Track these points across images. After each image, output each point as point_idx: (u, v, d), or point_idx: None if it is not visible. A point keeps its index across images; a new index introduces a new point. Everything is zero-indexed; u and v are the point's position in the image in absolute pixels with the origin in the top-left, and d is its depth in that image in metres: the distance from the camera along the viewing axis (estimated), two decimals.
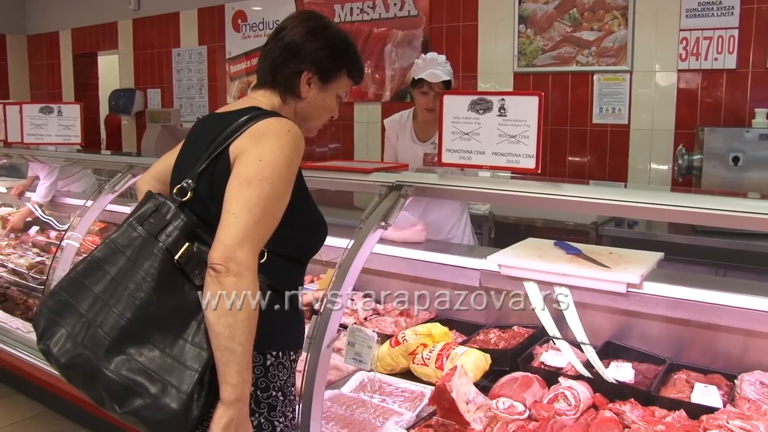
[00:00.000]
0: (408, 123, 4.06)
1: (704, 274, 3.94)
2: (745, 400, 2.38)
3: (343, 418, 2.47)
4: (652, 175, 5.25)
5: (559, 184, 2.54)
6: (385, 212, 2.44)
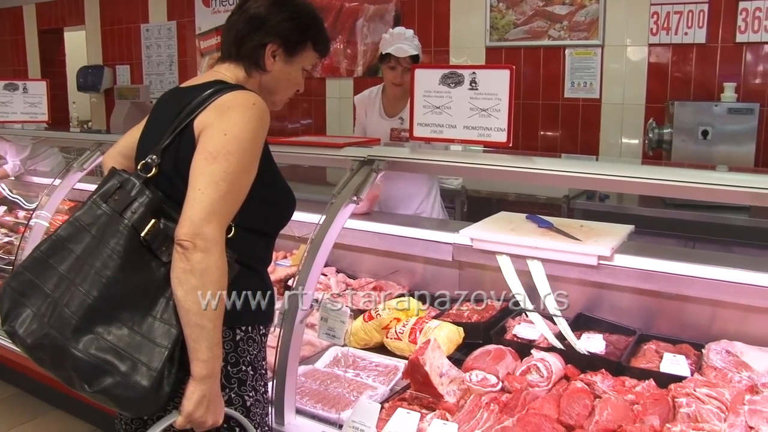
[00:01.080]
0: (377, 98, 4.04)
1: (674, 246, 3.98)
2: (712, 368, 2.42)
3: (317, 393, 2.47)
4: (623, 149, 5.29)
5: (530, 157, 2.55)
6: (356, 187, 2.44)
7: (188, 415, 1.58)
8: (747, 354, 2.49)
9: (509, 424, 2.12)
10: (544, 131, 5.58)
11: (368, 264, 3.49)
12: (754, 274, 2.49)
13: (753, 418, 2.06)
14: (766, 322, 2.59)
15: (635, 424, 2.10)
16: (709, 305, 2.67)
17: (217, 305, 1.56)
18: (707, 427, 2.04)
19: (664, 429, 2.07)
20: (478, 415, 2.19)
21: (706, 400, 2.18)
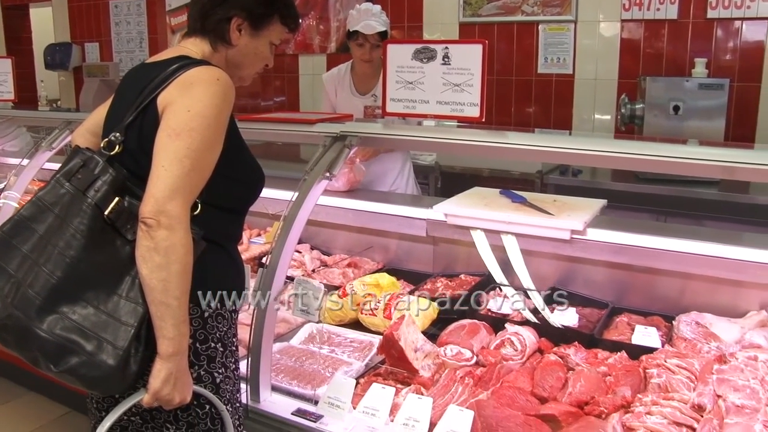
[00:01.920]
0: (347, 76, 4.01)
1: (646, 220, 4.02)
2: (682, 339, 2.46)
3: (293, 369, 2.47)
4: (596, 125, 5.32)
5: (504, 132, 2.55)
6: (329, 163, 2.42)
7: (155, 392, 1.57)
8: (716, 325, 2.53)
9: (484, 397, 2.14)
10: (518, 107, 5.59)
11: (342, 240, 3.49)
12: (723, 247, 2.53)
13: (721, 386, 2.09)
14: (735, 293, 2.63)
15: (607, 395, 2.13)
16: (679, 278, 2.71)
17: (182, 283, 1.54)
18: (677, 396, 2.07)
19: (636, 399, 2.10)
20: (453, 388, 2.21)
21: (676, 371, 2.22)
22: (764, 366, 2.24)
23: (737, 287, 2.62)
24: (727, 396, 2.05)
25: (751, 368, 2.20)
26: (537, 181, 4.54)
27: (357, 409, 2.15)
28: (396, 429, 2.05)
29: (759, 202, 4.03)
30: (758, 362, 2.25)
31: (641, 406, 2.04)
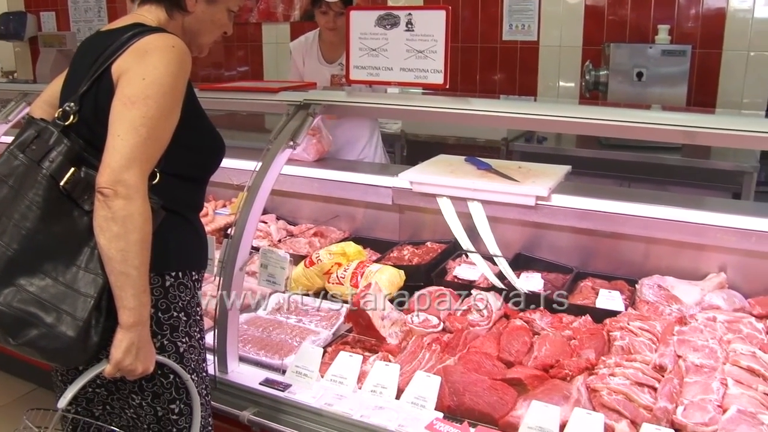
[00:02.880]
0: (314, 44, 3.96)
1: (610, 186, 4.07)
2: (644, 302, 2.50)
3: (260, 340, 2.46)
4: (561, 92, 5.33)
5: (468, 98, 2.54)
6: (293, 132, 2.39)
7: (117, 363, 1.56)
8: (677, 288, 2.58)
9: (451, 362, 2.16)
10: (483, 75, 5.57)
11: (308, 210, 3.47)
12: (685, 211, 2.57)
13: (681, 347, 2.14)
14: (696, 257, 2.68)
15: (572, 358, 2.16)
16: (642, 242, 2.75)
17: (142, 252, 1.52)
18: (639, 358, 2.11)
19: (600, 362, 2.13)
20: (420, 355, 2.22)
21: (638, 333, 2.26)
22: (722, 326, 2.29)
23: (698, 250, 2.67)
24: (687, 356, 2.10)
25: (710, 329, 2.25)
26: (502, 149, 4.55)
27: (325, 377, 2.16)
28: (364, 396, 2.06)
29: (719, 167, 4.09)
30: (717, 323, 2.31)
31: (605, 368, 2.07)
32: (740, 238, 2.50)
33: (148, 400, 1.74)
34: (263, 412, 2.11)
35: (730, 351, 2.12)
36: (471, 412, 1.96)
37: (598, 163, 4.24)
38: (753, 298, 2.53)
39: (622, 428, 1.81)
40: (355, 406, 2.02)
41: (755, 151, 4.18)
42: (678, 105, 4.39)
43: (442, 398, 1.99)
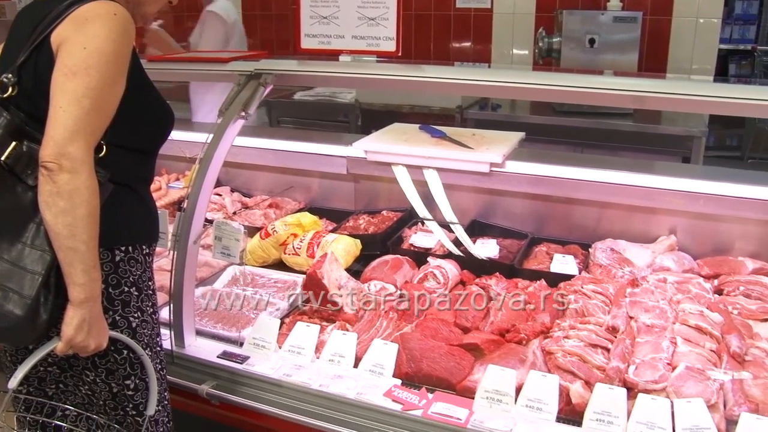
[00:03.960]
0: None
1: (563, 152, 4.10)
2: (598, 266, 2.54)
3: (217, 313, 2.44)
4: (515, 59, 5.34)
5: (422, 66, 2.52)
6: (244, 102, 2.34)
7: (68, 340, 1.53)
8: (629, 251, 2.62)
9: (408, 330, 2.16)
10: (437, 43, 5.55)
11: (263, 181, 3.44)
12: (636, 176, 2.61)
13: (633, 308, 2.18)
14: (647, 220, 2.73)
15: (528, 322, 2.19)
16: (595, 207, 2.78)
17: (90, 227, 1.48)
18: (593, 320, 2.15)
19: (555, 325, 2.16)
20: (378, 323, 2.23)
21: (592, 296, 2.30)
22: (672, 287, 2.34)
23: (649, 214, 2.72)
24: (639, 317, 2.14)
25: (661, 290, 2.30)
26: (457, 116, 4.55)
27: (283, 348, 2.15)
28: (322, 365, 2.06)
29: (670, 132, 4.16)
30: (667, 284, 2.36)
31: (559, 330, 2.11)
32: (689, 201, 2.56)
33: (103, 377, 1.72)
34: (222, 385, 2.10)
35: (679, 311, 2.17)
36: (429, 378, 1.98)
37: (551, 129, 4.27)
38: (701, 259, 2.59)
39: (576, 388, 1.84)
40: (313, 375, 2.03)
41: (704, 116, 4.26)
42: (629, 71, 4.44)
43: (400, 365, 2.01)
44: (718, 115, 4.62)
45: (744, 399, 1.78)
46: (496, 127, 3.01)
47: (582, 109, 4.26)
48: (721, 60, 5.96)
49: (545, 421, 1.78)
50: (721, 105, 1.98)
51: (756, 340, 2.07)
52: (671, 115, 4.34)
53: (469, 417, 1.81)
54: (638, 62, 4.52)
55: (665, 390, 1.82)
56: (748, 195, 2.47)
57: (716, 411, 1.75)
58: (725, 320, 2.10)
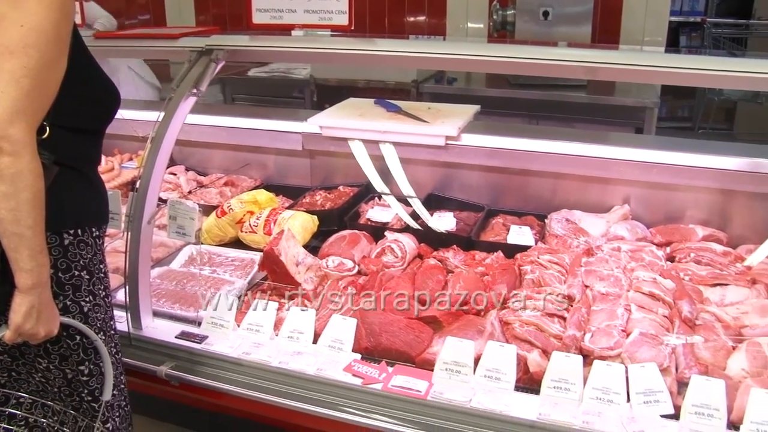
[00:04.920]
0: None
1: (518, 124, 4.13)
2: (553, 236, 2.57)
3: (174, 293, 2.42)
4: (470, 32, 5.34)
5: (375, 40, 2.51)
6: (195, 79, 2.30)
7: (17, 327, 1.49)
8: (584, 221, 2.66)
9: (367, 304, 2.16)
10: (391, 18, 5.52)
11: (218, 159, 3.40)
12: (590, 147, 2.65)
13: (588, 277, 2.22)
14: (602, 190, 2.77)
15: (485, 293, 2.21)
16: (551, 178, 2.81)
17: (34, 211, 1.44)
18: (549, 290, 2.17)
19: (512, 295, 2.18)
20: (336, 299, 2.22)
21: (548, 266, 2.32)
22: (626, 255, 2.38)
23: (603, 184, 2.76)
24: (594, 285, 2.18)
25: (615, 258, 2.34)
26: (412, 91, 4.54)
27: (241, 326, 2.14)
28: (281, 343, 2.06)
29: (623, 103, 4.21)
30: (621, 252, 2.40)
31: (517, 301, 2.13)
32: (642, 171, 2.60)
33: (56, 363, 1.68)
34: (181, 366, 2.08)
35: (633, 278, 2.21)
36: (388, 352, 1.98)
37: (507, 102, 4.29)
38: (654, 227, 2.64)
39: (533, 357, 1.87)
40: (273, 353, 2.02)
41: (656, 87, 4.32)
42: (583, 43, 4.47)
43: (359, 340, 2.01)
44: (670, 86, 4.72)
45: (694, 362, 1.83)
46: (452, 101, 3.02)
47: (537, 81, 4.28)
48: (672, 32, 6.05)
49: (504, 390, 1.80)
50: (671, 75, 2.01)
51: (706, 305, 2.12)
52: (624, 86, 4.39)
53: (429, 389, 1.83)
54: (591, 35, 4.55)
55: (620, 356, 1.86)
56: (699, 164, 2.52)
57: (668, 374, 1.79)
58: (677, 286, 2.15)
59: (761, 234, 2.47)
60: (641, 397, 1.71)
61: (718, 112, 6.78)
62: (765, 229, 2.48)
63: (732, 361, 1.86)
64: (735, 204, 2.59)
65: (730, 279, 2.26)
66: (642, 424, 1.66)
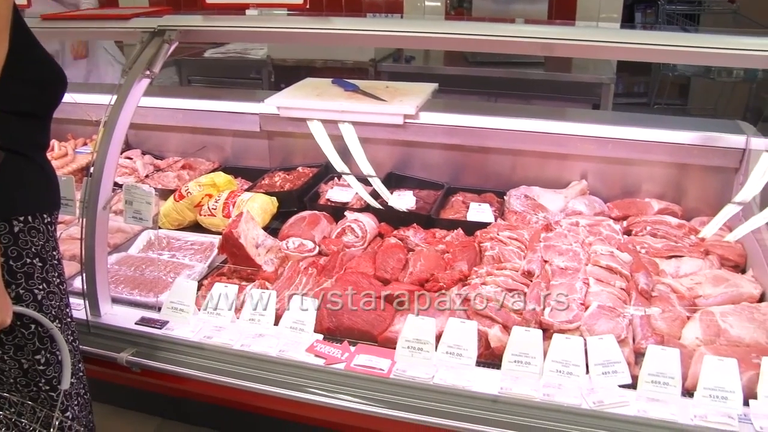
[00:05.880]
0: None
1: (477, 101, 4.14)
2: (513, 213, 2.59)
3: (133, 279, 2.38)
4: (427, 10, 5.31)
5: (332, 18, 2.48)
6: (148, 60, 2.25)
7: None
8: (543, 197, 2.68)
9: (328, 285, 2.16)
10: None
11: (175, 142, 3.34)
12: (549, 123, 2.67)
13: (547, 252, 2.24)
14: (560, 166, 2.80)
15: (446, 271, 2.22)
16: (510, 155, 2.83)
17: None
18: (509, 265, 2.19)
19: (472, 272, 2.20)
20: (297, 280, 2.22)
21: (508, 242, 2.34)
22: (584, 230, 2.41)
23: (561, 160, 2.78)
24: (553, 260, 2.20)
25: (573, 233, 2.37)
26: (370, 70, 4.53)
27: (202, 310, 2.12)
28: (243, 325, 2.04)
29: (580, 80, 4.25)
30: (579, 227, 2.43)
31: (477, 278, 2.15)
32: (599, 146, 2.63)
33: (11, 354, 1.65)
34: (142, 352, 2.05)
35: (591, 252, 2.24)
36: (350, 332, 1.99)
37: (465, 80, 4.30)
38: (611, 201, 2.68)
39: (494, 332, 1.89)
40: (234, 336, 2.01)
41: (612, 64, 4.36)
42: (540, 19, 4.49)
43: (321, 321, 2.01)
44: (626, 62, 4.77)
45: (651, 332, 1.87)
46: (410, 79, 3.01)
47: (495, 58, 4.29)
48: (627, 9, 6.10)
49: (466, 366, 1.82)
50: (627, 51, 2.02)
51: (662, 277, 2.16)
52: (581, 63, 4.43)
53: (392, 367, 1.84)
54: (548, 12, 4.58)
55: (579, 329, 1.88)
56: (654, 138, 2.57)
57: (626, 345, 1.82)
58: (634, 259, 2.19)
59: (714, 206, 2.52)
60: (600, 369, 1.74)
61: (672, 87, 6.88)
62: (717, 202, 2.53)
63: (686, 330, 1.90)
64: (689, 177, 2.64)
65: (684, 251, 2.31)
66: (601, 395, 1.69)
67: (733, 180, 2.54)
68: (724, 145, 2.50)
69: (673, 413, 1.62)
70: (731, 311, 1.93)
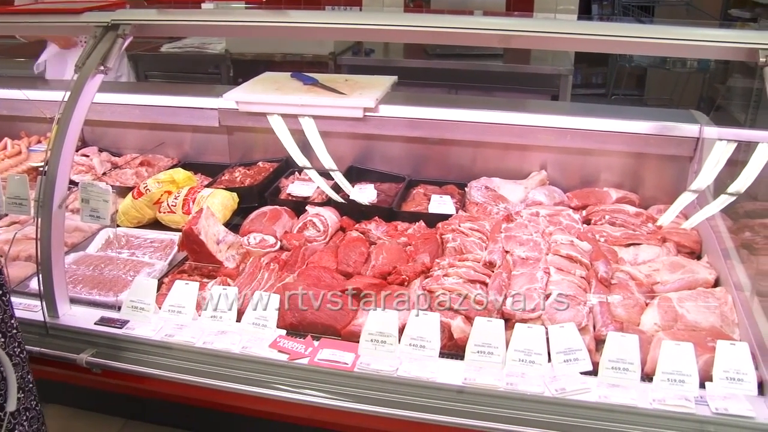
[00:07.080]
0: None
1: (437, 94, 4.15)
2: (474, 204, 2.60)
3: (92, 278, 2.34)
4: (386, 4, 5.30)
5: (290, 11, 2.46)
6: (102, 56, 2.21)
7: None
8: (503, 188, 2.70)
9: (290, 280, 2.15)
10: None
11: (133, 139, 3.29)
12: (508, 114, 2.69)
13: (509, 243, 2.26)
14: (520, 157, 2.82)
15: (408, 263, 2.22)
16: (470, 147, 2.84)
17: None
18: (471, 257, 2.21)
19: (435, 264, 2.21)
20: (259, 275, 2.20)
21: (469, 233, 2.35)
22: (545, 220, 2.44)
23: (521, 151, 2.81)
24: (514, 251, 2.22)
25: (534, 223, 2.39)
26: (330, 63, 4.51)
27: (163, 308, 2.09)
28: (205, 323, 2.02)
29: (539, 71, 4.29)
30: (539, 217, 2.45)
31: (439, 269, 2.15)
32: (558, 136, 2.66)
33: None
34: (102, 352, 2.02)
35: (551, 242, 2.27)
36: (314, 326, 1.98)
37: (425, 72, 4.31)
38: (571, 191, 2.71)
39: (457, 324, 1.90)
40: (196, 334, 1.98)
41: (570, 55, 4.41)
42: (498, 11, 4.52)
43: (284, 316, 2.00)
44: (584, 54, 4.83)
45: (611, 319, 1.89)
46: (370, 72, 3.00)
47: (454, 51, 4.31)
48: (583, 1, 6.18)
49: (429, 357, 1.82)
50: (583, 42, 2.04)
51: (621, 265, 2.19)
52: (540, 54, 4.47)
53: (356, 361, 1.84)
54: (506, 4, 4.60)
55: (540, 318, 1.90)
56: (612, 129, 2.60)
57: (587, 333, 1.85)
58: (593, 248, 2.21)
59: (670, 194, 2.57)
60: (561, 356, 1.76)
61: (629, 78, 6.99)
62: (673, 190, 2.58)
63: (645, 316, 1.94)
64: (645, 166, 2.69)
65: (642, 239, 2.34)
66: (563, 382, 1.71)
67: (688, 168, 2.59)
68: (679, 134, 2.55)
69: (633, 398, 1.65)
70: (688, 296, 1.97)
